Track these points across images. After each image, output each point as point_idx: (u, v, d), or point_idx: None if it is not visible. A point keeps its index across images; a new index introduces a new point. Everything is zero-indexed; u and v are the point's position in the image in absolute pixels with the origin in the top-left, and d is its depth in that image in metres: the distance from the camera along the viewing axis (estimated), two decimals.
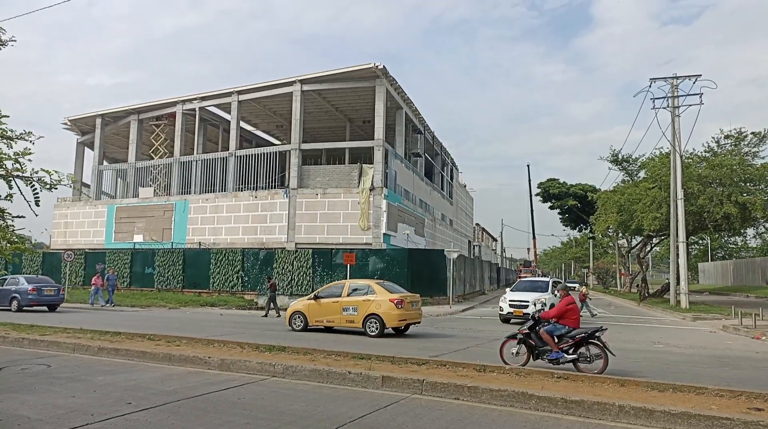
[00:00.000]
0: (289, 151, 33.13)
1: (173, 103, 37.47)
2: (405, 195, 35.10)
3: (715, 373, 9.69)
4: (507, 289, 22.27)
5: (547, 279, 24.05)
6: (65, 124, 41.94)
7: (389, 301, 14.50)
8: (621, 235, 47.85)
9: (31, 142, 8.57)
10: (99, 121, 40.06)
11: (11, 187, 8.41)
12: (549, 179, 72.27)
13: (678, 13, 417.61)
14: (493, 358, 9.57)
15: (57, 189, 8.54)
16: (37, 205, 8.45)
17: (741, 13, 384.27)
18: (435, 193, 45.63)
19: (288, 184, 32.80)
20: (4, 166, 8.38)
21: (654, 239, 40.52)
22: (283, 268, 28.30)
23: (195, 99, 36.67)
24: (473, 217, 71.86)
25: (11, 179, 8.35)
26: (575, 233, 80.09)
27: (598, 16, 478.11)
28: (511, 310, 19.26)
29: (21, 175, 8.36)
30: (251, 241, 32.08)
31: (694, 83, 26.39)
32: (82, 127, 41.97)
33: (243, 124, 39.53)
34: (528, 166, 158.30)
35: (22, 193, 8.40)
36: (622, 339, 14.98)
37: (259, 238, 32.17)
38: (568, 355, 8.88)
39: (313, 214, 31.17)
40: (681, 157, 27.26)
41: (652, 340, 14.77)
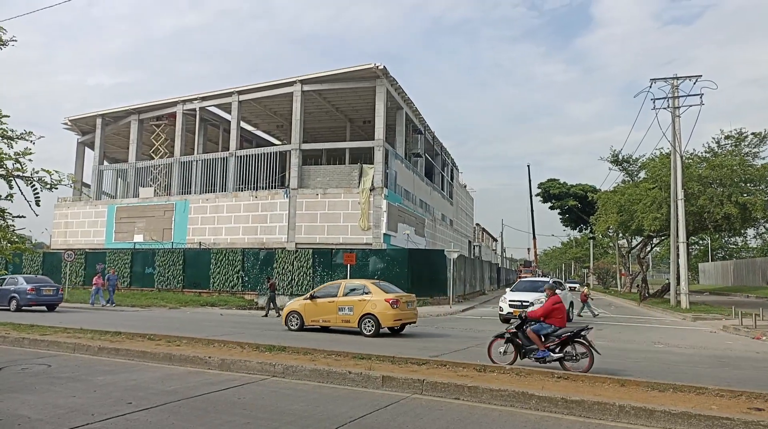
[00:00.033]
0: (290, 151, 33.16)
1: (173, 103, 37.51)
2: (405, 195, 35.11)
3: (716, 373, 9.69)
4: (507, 289, 22.27)
5: (548, 279, 24.05)
6: (66, 124, 41.99)
7: (385, 301, 14.55)
8: (621, 235, 47.89)
9: (32, 142, 8.60)
10: (99, 121, 40.11)
11: (12, 187, 8.42)
12: (549, 179, 72.39)
13: (679, 13, 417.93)
14: None
15: (57, 189, 8.57)
16: (38, 205, 8.47)
17: (742, 13, 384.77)
18: (435, 194, 45.64)
19: (288, 184, 32.81)
20: (4, 165, 8.39)
21: (654, 239, 40.53)
22: (284, 268, 28.31)
23: (195, 99, 36.70)
24: (473, 217, 71.88)
25: (12, 179, 8.37)
26: (575, 233, 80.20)
27: (598, 16, 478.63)
28: (511, 310, 19.21)
29: (21, 175, 8.37)
30: (251, 241, 32.09)
31: (694, 84, 26.44)
32: (82, 127, 42.02)
33: (243, 124, 39.56)
34: (528, 166, 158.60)
35: (22, 193, 8.41)
36: (622, 339, 15.00)
37: (260, 238, 32.18)
38: (554, 353, 8.97)
39: (314, 214, 31.19)
40: (681, 157, 27.26)
41: (652, 340, 14.77)
